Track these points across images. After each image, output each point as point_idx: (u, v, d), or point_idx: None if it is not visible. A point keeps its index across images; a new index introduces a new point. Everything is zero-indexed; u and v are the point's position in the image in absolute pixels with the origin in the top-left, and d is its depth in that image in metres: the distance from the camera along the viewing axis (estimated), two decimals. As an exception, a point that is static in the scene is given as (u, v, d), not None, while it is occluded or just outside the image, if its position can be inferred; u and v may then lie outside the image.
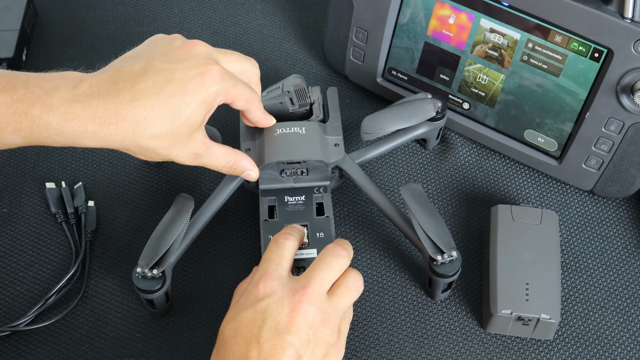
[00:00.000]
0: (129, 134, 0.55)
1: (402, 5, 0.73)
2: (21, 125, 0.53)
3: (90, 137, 0.55)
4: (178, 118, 0.57)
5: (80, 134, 0.54)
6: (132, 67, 0.57)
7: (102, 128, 0.54)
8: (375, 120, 0.72)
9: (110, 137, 0.55)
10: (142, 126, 0.55)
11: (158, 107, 0.56)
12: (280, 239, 0.60)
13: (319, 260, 0.58)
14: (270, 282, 0.56)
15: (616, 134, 0.68)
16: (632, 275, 0.71)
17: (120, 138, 0.55)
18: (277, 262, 0.58)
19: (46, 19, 0.89)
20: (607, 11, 0.64)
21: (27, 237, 0.72)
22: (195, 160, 0.61)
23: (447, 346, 0.66)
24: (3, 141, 0.54)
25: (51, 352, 0.66)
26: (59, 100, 0.53)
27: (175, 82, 0.57)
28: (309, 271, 0.58)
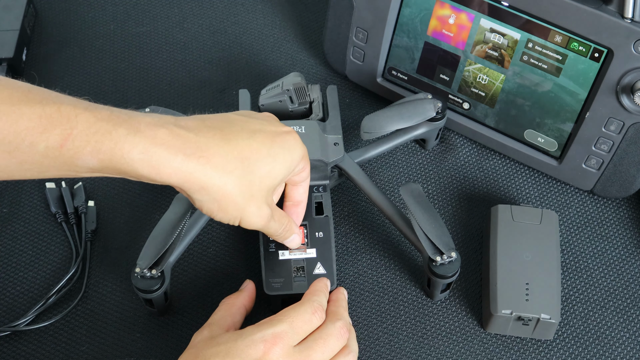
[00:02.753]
0: (219, 171, 0.52)
1: (402, 5, 0.73)
2: (102, 146, 0.48)
3: (176, 169, 0.50)
4: (267, 167, 0.55)
5: (166, 162, 0.50)
6: (214, 117, 0.55)
7: (191, 159, 0.51)
8: (375, 120, 0.72)
9: (195, 172, 0.51)
10: (240, 158, 0.53)
11: (249, 151, 0.54)
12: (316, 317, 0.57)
13: (323, 340, 0.56)
14: (277, 348, 0.53)
15: (616, 134, 0.68)
16: (632, 275, 0.71)
17: (206, 174, 0.51)
18: (297, 333, 0.55)
19: (46, 19, 0.89)
20: (607, 11, 0.63)
21: (27, 237, 0.72)
22: (265, 221, 0.57)
23: (447, 346, 0.66)
24: (77, 163, 0.49)
25: (51, 352, 0.66)
26: (145, 124, 0.50)
27: (263, 133, 0.56)
28: (311, 348, 0.55)
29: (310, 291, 0.60)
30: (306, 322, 0.56)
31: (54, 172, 0.50)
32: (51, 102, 0.48)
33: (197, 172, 0.51)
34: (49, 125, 0.47)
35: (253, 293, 0.64)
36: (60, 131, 0.48)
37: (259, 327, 0.54)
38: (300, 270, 0.66)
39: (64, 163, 0.49)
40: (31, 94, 0.48)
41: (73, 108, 0.48)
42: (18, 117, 0.47)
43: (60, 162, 0.49)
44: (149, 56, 0.86)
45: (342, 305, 0.61)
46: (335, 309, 0.60)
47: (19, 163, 0.49)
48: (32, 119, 0.47)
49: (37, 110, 0.47)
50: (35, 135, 0.47)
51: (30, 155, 0.48)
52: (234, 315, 0.60)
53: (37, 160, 0.48)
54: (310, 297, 0.59)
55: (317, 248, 0.67)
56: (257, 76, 0.84)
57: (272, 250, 0.66)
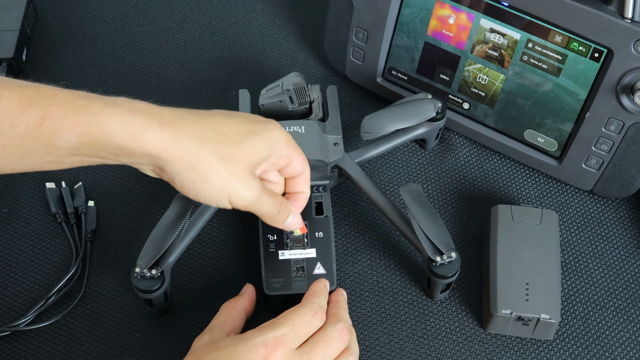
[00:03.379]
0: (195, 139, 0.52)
1: (402, 5, 0.73)
2: (80, 120, 0.49)
3: (151, 136, 0.51)
4: (246, 141, 0.55)
5: (142, 130, 0.50)
6: None
7: (166, 127, 0.51)
8: (375, 120, 0.72)
9: (172, 140, 0.51)
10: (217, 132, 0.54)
11: (227, 127, 0.54)
12: (317, 318, 0.57)
13: (324, 343, 0.56)
14: (279, 353, 0.53)
15: (616, 134, 0.68)
16: (632, 275, 0.71)
17: (182, 141, 0.52)
18: (299, 336, 0.55)
19: (46, 19, 0.89)
20: (607, 11, 0.63)
21: (27, 237, 0.72)
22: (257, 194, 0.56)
23: (447, 346, 0.66)
24: (57, 143, 0.50)
25: (51, 352, 0.66)
26: (122, 100, 0.51)
27: (241, 117, 0.57)
28: (312, 351, 0.55)
29: (310, 293, 0.60)
30: (307, 324, 0.56)
31: (35, 159, 0.51)
32: (29, 86, 0.50)
33: (172, 139, 0.51)
34: (27, 105, 0.49)
35: (253, 297, 0.64)
36: (39, 109, 0.49)
37: (260, 331, 0.54)
38: (300, 270, 0.66)
39: (44, 144, 0.50)
40: (9, 81, 0.50)
41: (51, 89, 0.50)
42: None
43: (41, 142, 0.49)
44: (149, 56, 0.86)
45: (342, 306, 0.61)
46: (336, 311, 0.60)
47: (1, 148, 0.50)
48: (11, 100, 0.49)
49: (15, 92, 0.49)
50: (15, 115, 0.49)
51: (10, 137, 0.49)
52: (235, 319, 0.60)
53: (17, 143, 0.49)
54: (310, 299, 0.59)
55: (317, 248, 0.67)
56: (257, 76, 0.84)
57: (272, 251, 0.66)
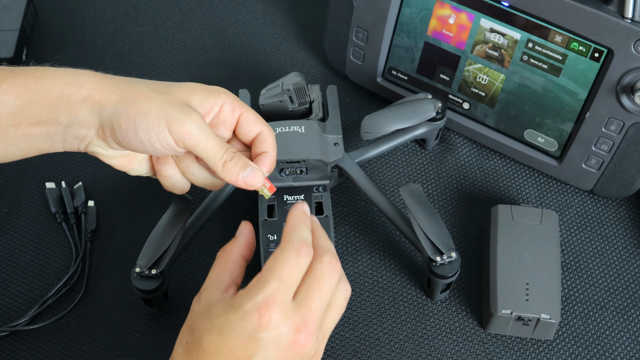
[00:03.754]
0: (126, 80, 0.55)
1: (402, 5, 0.73)
2: (16, 81, 0.52)
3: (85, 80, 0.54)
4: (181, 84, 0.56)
5: (76, 76, 0.53)
6: None
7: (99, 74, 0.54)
8: (375, 120, 0.72)
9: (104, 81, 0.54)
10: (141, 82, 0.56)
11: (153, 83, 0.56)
12: (303, 255, 0.51)
13: (317, 284, 0.50)
14: (274, 313, 0.48)
15: (616, 134, 0.68)
16: (632, 275, 0.71)
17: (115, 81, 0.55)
18: (289, 285, 0.50)
19: (46, 19, 0.89)
20: (607, 11, 0.64)
21: (27, 237, 0.72)
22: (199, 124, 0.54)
23: (447, 346, 0.66)
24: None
25: (51, 352, 0.66)
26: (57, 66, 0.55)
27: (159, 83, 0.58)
28: (309, 297, 0.50)
29: (288, 228, 0.53)
30: (294, 268, 0.50)
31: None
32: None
33: (105, 80, 0.54)
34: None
35: (251, 238, 0.56)
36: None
37: (248, 294, 0.49)
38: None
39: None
40: None
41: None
42: None
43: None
44: (149, 56, 0.86)
45: (320, 234, 0.54)
46: (316, 243, 0.53)
47: None
48: None
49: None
50: None
51: None
52: (232, 270, 0.53)
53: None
54: (289, 236, 0.52)
55: (317, 248, 0.67)
56: (257, 76, 0.84)
57: (272, 251, 0.66)
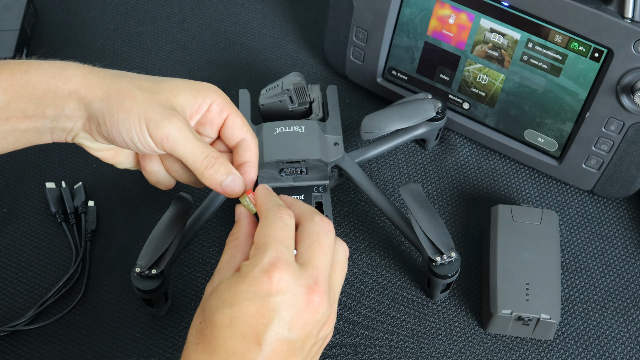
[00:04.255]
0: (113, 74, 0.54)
1: (402, 5, 0.73)
2: (1, 75, 0.52)
3: (71, 74, 0.53)
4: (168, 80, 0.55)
5: (62, 70, 0.53)
6: None
7: (86, 67, 0.54)
8: (376, 120, 0.72)
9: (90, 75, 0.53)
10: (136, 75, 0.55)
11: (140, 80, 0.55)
12: (286, 216, 0.51)
13: (317, 243, 0.50)
14: (283, 272, 0.48)
15: (616, 134, 0.68)
16: (632, 275, 0.71)
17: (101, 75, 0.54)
18: (287, 245, 0.50)
19: (46, 19, 0.89)
20: (607, 11, 0.64)
21: (27, 237, 0.72)
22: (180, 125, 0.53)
23: (447, 346, 0.66)
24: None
25: (51, 352, 0.66)
26: None
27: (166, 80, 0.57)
28: (312, 257, 0.50)
29: (259, 203, 0.53)
30: (283, 228, 0.50)
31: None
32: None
33: (91, 75, 0.53)
34: None
35: (252, 217, 0.55)
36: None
37: (253, 262, 0.49)
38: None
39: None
40: None
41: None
42: None
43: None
44: (149, 56, 0.86)
45: (298, 203, 0.54)
46: (299, 209, 0.53)
47: None
48: None
49: None
50: None
51: None
52: (243, 249, 0.53)
53: None
54: (264, 207, 0.53)
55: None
56: (257, 76, 0.84)
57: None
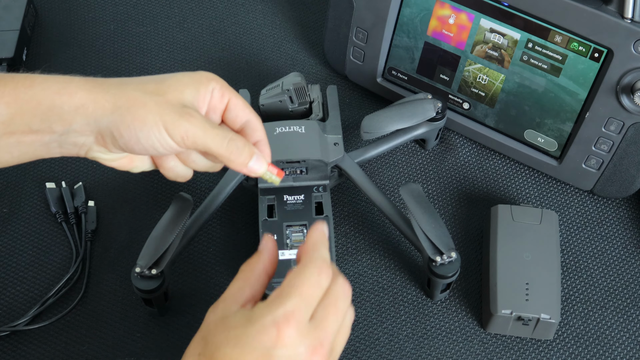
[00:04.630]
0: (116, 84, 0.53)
1: (402, 5, 0.73)
2: (5, 89, 0.51)
3: (75, 87, 0.52)
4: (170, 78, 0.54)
5: (66, 84, 0.52)
6: None
7: (89, 81, 0.53)
8: (375, 120, 0.72)
9: (95, 88, 0.52)
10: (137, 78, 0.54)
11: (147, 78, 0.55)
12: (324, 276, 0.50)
13: (334, 305, 0.50)
14: (292, 330, 0.47)
15: (616, 134, 0.68)
16: (632, 275, 0.71)
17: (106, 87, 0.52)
18: (309, 304, 0.49)
19: (46, 19, 0.89)
20: (607, 11, 0.64)
21: (27, 237, 0.72)
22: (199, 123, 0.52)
23: (447, 346, 0.66)
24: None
25: (51, 352, 0.66)
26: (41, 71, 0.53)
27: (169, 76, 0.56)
28: (325, 318, 0.49)
29: (309, 247, 0.51)
30: (315, 286, 0.49)
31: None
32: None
33: (96, 87, 0.52)
34: None
35: (275, 254, 0.54)
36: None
37: (269, 307, 0.48)
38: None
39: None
40: None
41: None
42: None
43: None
44: (149, 56, 0.86)
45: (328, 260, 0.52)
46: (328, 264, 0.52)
47: None
48: None
49: None
50: None
51: None
52: (253, 285, 0.51)
53: None
54: (311, 254, 0.51)
55: (317, 248, 0.66)
56: (257, 76, 0.84)
57: (272, 250, 0.66)
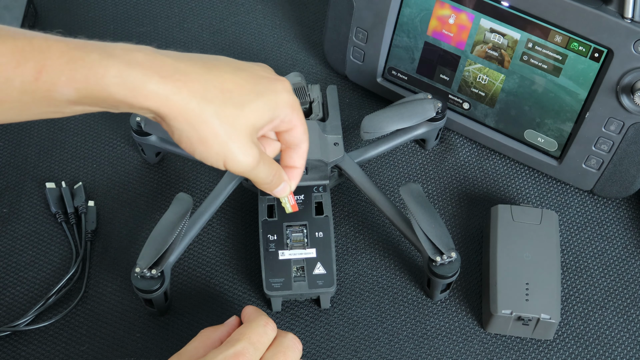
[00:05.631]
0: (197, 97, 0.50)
1: (402, 5, 0.73)
2: (76, 74, 0.47)
3: (151, 91, 0.49)
4: (250, 103, 0.52)
5: (142, 85, 0.48)
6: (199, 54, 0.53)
7: (167, 82, 0.49)
8: (376, 120, 0.72)
9: (173, 96, 0.49)
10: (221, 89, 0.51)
11: (232, 83, 0.52)
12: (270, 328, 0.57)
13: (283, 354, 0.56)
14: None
15: (616, 134, 0.68)
16: (632, 275, 0.71)
17: (184, 98, 0.49)
18: (257, 347, 0.55)
19: (46, 19, 0.89)
20: (607, 11, 0.64)
21: (27, 237, 0.72)
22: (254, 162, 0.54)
23: (447, 346, 0.66)
24: (54, 96, 0.48)
25: (51, 352, 0.66)
26: (120, 49, 0.49)
27: (249, 72, 0.53)
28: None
29: (250, 313, 0.59)
30: (262, 334, 0.56)
31: (35, 110, 0.50)
32: (22, 36, 0.48)
33: (173, 95, 0.49)
34: (22, 59, 0.47)
35: (235, 328, 0.60)
36: (33, 64, 0.47)
37: (220, 350, 0.54)
38: (300, 270, 0.66)
39: (43, 97, 0.48)
40: (2, 31, 0.48)
41: (45, 40, 0.48)
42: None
43: (39, 96, 0.48)
44: (149, 56, 0.86)
45: None
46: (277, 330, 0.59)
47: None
48: (4, 54, 0.47)
49: (8, 44, 0.47)
50: (9, 70, 0.47)
51: (7, 92, 0.48)
52: (207, 348, 0.57)
53: (15, 97, 0.48)
54: (255, 316, 0.58)
55: (317, 248, 0.67)
56: (257, 76, 0.84)
57: (272, 250, 0.66)
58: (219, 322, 0.59)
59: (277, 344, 0.56)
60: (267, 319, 0.57)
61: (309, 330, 0.67)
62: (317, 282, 0.65)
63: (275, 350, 0.56)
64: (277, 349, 0.56)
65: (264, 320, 0.57)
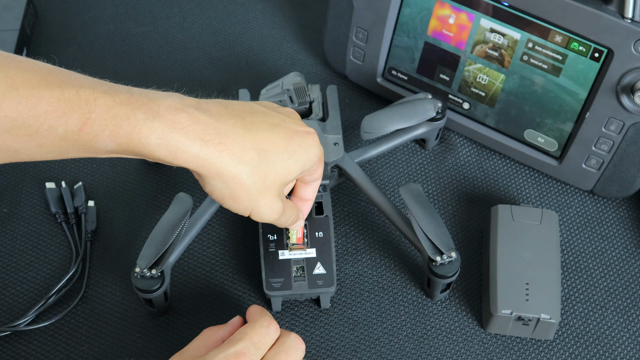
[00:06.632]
0: (235, 160, 0.52)
1: (402, 5, 0.73)
2: (120, 130, 0.49)
3: (192, 154, 0.51)
4: (283, 162, 0.55)
5: (183, 147, 0.50)
6: (237, 103, 0.55)
7: (209, 146, 0.51)
8: (376, 120, 0.72)
9: (211, 159, 0.51)
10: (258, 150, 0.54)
11: (268, 143, 0.54)
12: (272, 328, 0.57)
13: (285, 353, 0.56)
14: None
15: (616, 134, 0.68)
16: (632, 275, 0.71)
17: (222, 161, 0.52)
18: (258, 347, 0.55)
19: (46, 19, 0.89)
20: (607, 11, 0.64)
21: (27, 237, 0.72)
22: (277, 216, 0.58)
23: (447, 346, 0.66)
24: (95, 146, 0.50)
25: (51, 352, 0.66)
26: (165, 108, 0.50)
27: (283, 129, 0.56)
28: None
29: (254, 313, 0.60)
30: (264, 335, 0.56)
31: (73, 154, 0.51)
32: (70, 86, 0.49)
33: (213, 158, 0.51)
34: (67, 109, 0.48)
35: (238, 327, 0.61)
36: (78, 115, 0.48)
37: (221, 348, 0.54)
38: (300, 270, 0.66)
39: (83, 146, 0.50)
40: (51, 77, 0.49)
41: (92, 92, 0.49)
42: (37, 100, 0.48)
43: (79, 145, 0.49)
44: (149, 56, 0.86)
45: None
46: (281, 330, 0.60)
47: (39, 146, 0.49)
48: (51, 103, 0.48)
49: (56, 93, 0.48)
50: (54, 119, 0.48)
51: (49, 138, 0.49)
52: (209, 347, 0.58)
53: (56, 143, 0.49)
54: (259, 314, 0.59)
55: (317, 248, 0.67)
56: (257, 76, 0.84)
57: (272, 250, 0.66)
58: (219, 322, 0.59)
59: (279, 343, 0.57)
60: (270, 320, 0.57)
61: (309, 330, 0.67)
62: (317, 282, 0.65)
63: (277, 350, 0.56)
64: (279, 348, 0.56)
65: (267, 321, 0.57)
